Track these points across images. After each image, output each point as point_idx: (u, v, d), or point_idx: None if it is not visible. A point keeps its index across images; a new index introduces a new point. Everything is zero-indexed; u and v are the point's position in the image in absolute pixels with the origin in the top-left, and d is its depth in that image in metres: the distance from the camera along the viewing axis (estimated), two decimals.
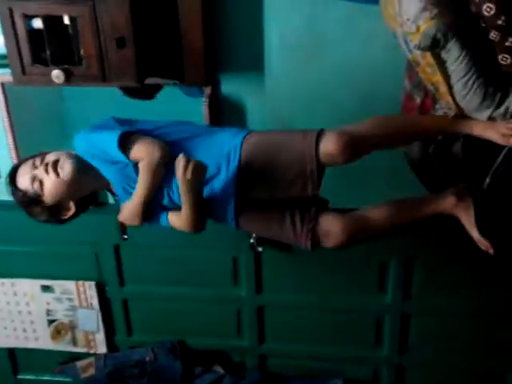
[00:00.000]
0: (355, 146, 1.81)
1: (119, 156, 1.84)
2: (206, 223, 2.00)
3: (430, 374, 2.99)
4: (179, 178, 1.79)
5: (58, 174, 1.87)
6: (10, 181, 1.93)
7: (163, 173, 1.87)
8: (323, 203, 2.04)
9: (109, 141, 1.84)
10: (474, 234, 1.98)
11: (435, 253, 2.68)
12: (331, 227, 1.96)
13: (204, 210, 1.94)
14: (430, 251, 2.68)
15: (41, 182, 1.88)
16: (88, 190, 2.00)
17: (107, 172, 1.93)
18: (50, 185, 1.87)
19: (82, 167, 1.91)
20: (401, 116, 2.10)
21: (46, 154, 1.93)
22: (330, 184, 1.98)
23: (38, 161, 1.90)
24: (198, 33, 2.17)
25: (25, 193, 1.90)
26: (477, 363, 2.92)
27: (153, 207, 1.98)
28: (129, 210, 1.94)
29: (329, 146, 1.80)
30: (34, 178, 1.88)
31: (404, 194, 2.06)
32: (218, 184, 1.91)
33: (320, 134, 1.83)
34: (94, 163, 1.92)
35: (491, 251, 1.96)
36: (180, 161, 1.76)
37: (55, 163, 1.87)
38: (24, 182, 1.90)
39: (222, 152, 1.89)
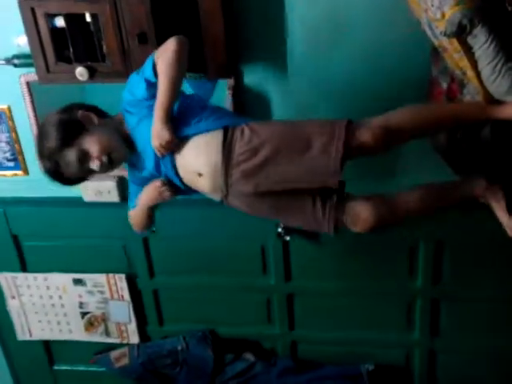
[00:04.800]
0: (390, 138, 1.79)
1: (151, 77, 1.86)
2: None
3: (461, 358, 2.97)
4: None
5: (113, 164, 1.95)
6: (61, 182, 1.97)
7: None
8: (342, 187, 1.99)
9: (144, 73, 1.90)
10: (504, 219, 1.95)
11: (465, 237, 2.66)
12: (359, 212, 1.92)
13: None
14: (459, 236, 2.66)
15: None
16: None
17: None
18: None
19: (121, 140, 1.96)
20: (434, 105, 2.06)
21: (86, 150, 1.90)
22: (354, 170, 1.96)
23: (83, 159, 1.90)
24: (219, 24, 2.15)
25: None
26: (509, 347, 2.89)
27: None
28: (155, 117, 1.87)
29: (364, 138, 1.77)
30: (90, 173, 1.97)
31: (432, 179, 2.04)
32: None
33: (349, 127, 1.79)
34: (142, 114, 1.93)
35: None
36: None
37: (110, 158, 1.91)
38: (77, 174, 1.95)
39: None
